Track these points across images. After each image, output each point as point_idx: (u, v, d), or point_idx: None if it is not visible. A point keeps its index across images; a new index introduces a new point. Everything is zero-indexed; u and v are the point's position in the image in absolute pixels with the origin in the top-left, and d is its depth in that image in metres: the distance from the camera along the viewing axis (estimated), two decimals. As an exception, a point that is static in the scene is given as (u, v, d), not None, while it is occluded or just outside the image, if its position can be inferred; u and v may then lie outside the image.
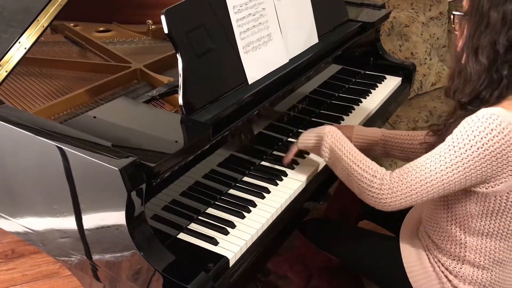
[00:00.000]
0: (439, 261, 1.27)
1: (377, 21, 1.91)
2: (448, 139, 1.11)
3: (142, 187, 1.04)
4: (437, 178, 1.11)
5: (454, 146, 1.09)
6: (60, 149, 1.09)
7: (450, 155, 1.09)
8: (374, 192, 1.18)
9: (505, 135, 1.04)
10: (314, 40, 1.65)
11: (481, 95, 1.11)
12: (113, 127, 1.21)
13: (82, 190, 1.11)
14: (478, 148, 1.06)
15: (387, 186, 1.17)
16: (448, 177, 1.10)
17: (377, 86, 1.93)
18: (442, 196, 1.20)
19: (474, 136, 1.06)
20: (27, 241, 1.39)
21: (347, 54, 1.82)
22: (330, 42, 1.69)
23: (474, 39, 1.09)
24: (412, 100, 2.60)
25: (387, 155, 1.56)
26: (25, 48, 1.28)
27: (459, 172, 1.09)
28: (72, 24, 2.01)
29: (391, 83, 1.97)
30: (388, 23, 2.54)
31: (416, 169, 1.14)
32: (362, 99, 1.84)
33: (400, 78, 2.00)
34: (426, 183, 1.13)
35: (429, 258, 1.29)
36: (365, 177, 1.20)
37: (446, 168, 1.10)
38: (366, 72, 2.03)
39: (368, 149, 1.54)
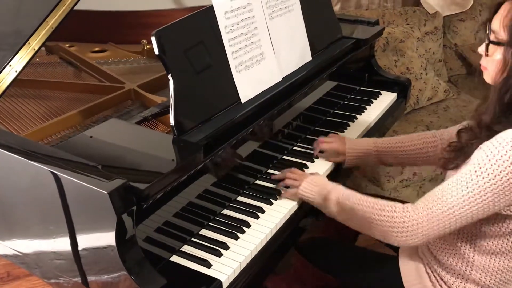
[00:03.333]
0: (442, 280, 1.25)
1: (370, 37, 1.91)
2: (471, 165, 1.09)
3: (132, 210, 1.03)
4: (465, 206, 1.08)
5: (482, 173, 1.06)
6: (50, 172, 1.08)
7: (477, 181, 1.07)
8: (398, 226, 1.14)
9: None
10: (308, 58, 1.65)
11: None
12: (103, 149, 1.20)
13: (74, 212, 1.10)
14: (507, 174, 1.04)
15: (411, 217, 1.13)
16: (476, 204, 1.08)
17: (372, 102, 1.93)
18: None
19: (501, 162, 1.04)
20: (19, 264, 1.37)
21: (342, 71, 1.82)
22: (324, 60, 1.69)
23: None
24: (409, 115, 2.60)
25: (381, 163, 1.56)
26: (16, 71, 1.28)
27: (487, 198, 1.06)
28: (67, 45, 2.03)
29: (387, 98, 1.96)
30: (383, 39, 2.55)
31: (442, 197, 1.11)
32: (357, 115, 1.84)
33: (396, 94, 1.99)
34: (454, 211, 1.09)
35: (429, 277, 1.27)
36: (384, 215, 1.16)
37: (474, 195, 1.07)
38: (361, 88, 2.03)
39: (363, 161, 1.55)
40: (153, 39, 1.19)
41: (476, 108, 1.23)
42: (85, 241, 1.11)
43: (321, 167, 1.53)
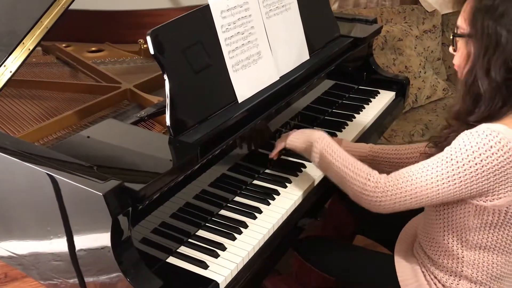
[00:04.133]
0: (436, 278, 1.25)
1: (368, 36, 1.90)
2: (447, 150, 1.11)
3: (128, 211, 1.02)
4: (432, 188, 1.12)
5: (451, 159, 1.09)
6: (45, 173, 1.07)
7: (447, 167, 1.09)
8: (368, 195, 1.19)
9: (504, 153, 1.04)
10: (305, 57, 1.64)
11: (492, 114, 1.10)
12: (99, 149, 1.19)
13: (70, 213, 1.09)
14: (476, 164, 1.06)
15: (381, 188, 1.17)
16: (443, 188, 1.11)
17: (370, 101, 1.92)
18: (437, 206, 1.19)
19: (473, 152, 1.06)
20: (15, 265, 1.36)
21: (340, 70, 1.82)
22: (321, 59, 1.68)
23: (485, 60, 1.08)
24: (407, 114, 2.59)
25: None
26: (11, 72, 1.28)
27: (455, 184, 1.09)
28: (64, 45, 2.02)
29: (385, 97, 1.95)
30: (382, 37, 2.54)
31: (412, 176, 1.15)
32: (355, 115, 1.83)
33: (394, 93, 1.99)
34: (421, 191, 1.13)
35: (424, 275, 1.28)
36: (358, 181, 1.21)
37: (442, 179, 1.10)
38: (360, 87, 2.02)
39: None
40: (148, 38, 1.18)
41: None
42: (82, 242, 1.10)
43: (319, 166, 1.52)
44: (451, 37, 1.17)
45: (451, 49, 1.19)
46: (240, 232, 1.26)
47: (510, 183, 1.07)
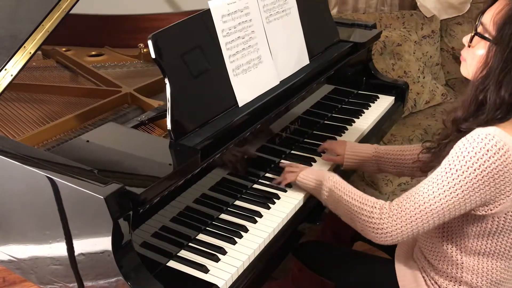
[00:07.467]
0: (436, 283, 1.25)
1: (368, 41, 1.91)
2: (445, 161, 1.09)
3: (129, 215, 1.02)
4: (436, 203, 1.09)
5: (451, 169, 1.06)
6: (45, 177, 1.07)
7: (447, 178, 1.07)
8: (375, 223, 1.17)
9: (501, 156, 1.02)
10: (305, 61, 1.65)
11: (488, 123, 1.08)
12: (99, 153, 1.19)
13: (70, 217, 1.09)
14: (475, 170, 1.04)
15: (387, 214, 1.15)
16: (447, 201, 1.08)
17: (370, 106, 1.93)
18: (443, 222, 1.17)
19: (471, 158, 1.04)
20: (14, 270, 1.36)
21: (339, 74, 1.82)
22: (321, 64, 1.68)
23: (501, 75, 1.05)
24: (406, 119, 2.59)
25: (380, 171, 1.56)
26: (12, 75, 1.28)
27: (457, 195, 1.07)
28: (64, 49, 2.02)
29: (384, 102, 1.96)
30: (381, 42, 2.55)
31: (415, 195, 1.12)
32: (355, 119, 1.83)
33: (393, 97, 1.99)
34: (425, 208, 1.10)
35: (425, 280, 1.28)
36: (365, 209, 1.19)
37: (445, 191, 1.07)
38: (359, 92, 2.03)
39: (361, 166, 1.55)
40: (150, 42, 1.19)
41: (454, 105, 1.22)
42: (82, 246, 1.10)
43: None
44: (473, 34, 1.10)
45: (465, 41, 1.13)
46: (240, 236, 1.26)
47: (508, 187, 1.05)
